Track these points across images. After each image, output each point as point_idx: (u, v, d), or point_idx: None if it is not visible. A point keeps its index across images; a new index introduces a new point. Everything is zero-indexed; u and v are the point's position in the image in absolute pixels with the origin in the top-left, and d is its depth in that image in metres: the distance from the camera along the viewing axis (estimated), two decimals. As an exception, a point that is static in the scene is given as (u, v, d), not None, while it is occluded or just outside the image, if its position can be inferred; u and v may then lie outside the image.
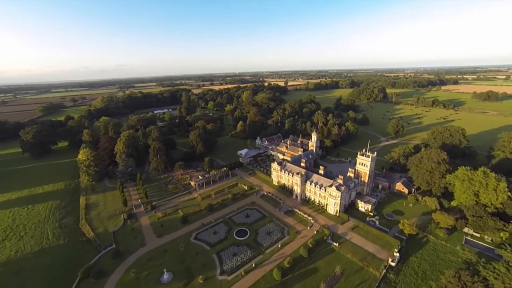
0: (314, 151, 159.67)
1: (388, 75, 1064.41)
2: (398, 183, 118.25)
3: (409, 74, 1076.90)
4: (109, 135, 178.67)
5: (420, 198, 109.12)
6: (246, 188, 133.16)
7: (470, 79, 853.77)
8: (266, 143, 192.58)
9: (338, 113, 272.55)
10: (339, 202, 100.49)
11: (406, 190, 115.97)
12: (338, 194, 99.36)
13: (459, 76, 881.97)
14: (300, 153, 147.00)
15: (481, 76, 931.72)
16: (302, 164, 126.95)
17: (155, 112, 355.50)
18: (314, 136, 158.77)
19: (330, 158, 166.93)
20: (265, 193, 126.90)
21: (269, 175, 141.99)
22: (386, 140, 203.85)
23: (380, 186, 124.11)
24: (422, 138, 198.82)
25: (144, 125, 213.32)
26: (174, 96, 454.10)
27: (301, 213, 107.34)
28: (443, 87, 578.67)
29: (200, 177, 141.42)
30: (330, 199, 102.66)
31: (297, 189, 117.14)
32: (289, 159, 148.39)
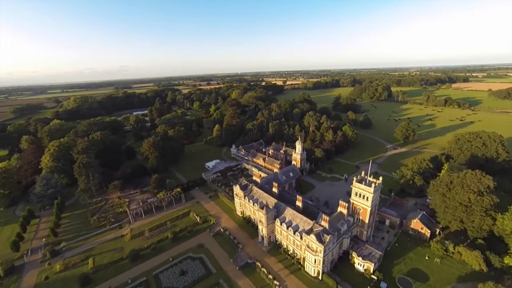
0: (299, 164, 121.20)
1: (393, 74, 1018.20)
2: (414, 220, 79.20)
3: (414, 73, 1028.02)
4: (39, 144, 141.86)
5: (451, 248, 69.97)
6: (198, 220, 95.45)
7: (480, 76, 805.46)
8: (242, 152, 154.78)
9: (336, 114, 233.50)
10: (321, 259, 62.04)
11: (427, 232, 76.90)
12: (321, 248, 60.99)
13: (467, 74, 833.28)
14: (276, 170, 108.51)
15: (492, 74, 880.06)
16: (274, 190, 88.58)
17: (134, 113, 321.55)
18: (298, 146, 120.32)
19: (320, 173, 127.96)
20: (222, 229, 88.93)
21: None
22: (393, 147, 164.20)
23: (387, 222, 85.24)
24: (439, 146, 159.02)
25: (99, 130, 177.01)
26: (159, 96, 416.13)
27: (265, 270, 68.92)
28: (453, 85, 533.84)
29: (141, 203, 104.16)
30: (309, 253, 64.21)
31: (262, 229, 78.83)
32: (266, 175, 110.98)
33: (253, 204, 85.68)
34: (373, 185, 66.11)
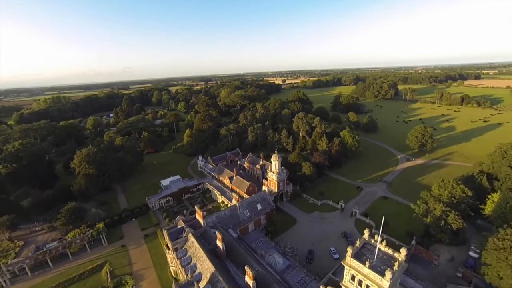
0: (276, 188, 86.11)
1: (398, 72, 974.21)
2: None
3: (420, 71, 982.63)
4: None
5: None
6: (109, 282, 61.28)
7: (491, 73, 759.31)
8: (211, 165, 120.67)
9: (335, 116, 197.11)
10: None
11: None
12: None
13: (477, 71, 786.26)
14: (236, 201, 73.15)
15: (504, 71, 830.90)
16: (219, 243, 53.32)
17: (111, 116, 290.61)
18: (275, 162, 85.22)
19: (308, 199, 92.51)
20: (136, 306, 54.56)
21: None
22: (406, 158, 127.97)
23: (409, 303, 49.82)
24: (466, 156, 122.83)
25: (43, 136, 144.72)
26: (144, 96, 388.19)
27: None
28: (465, 82, 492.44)
29: (33, 251, 70.34)
30: None
31: (184, 329, 44.09)
32: (234, 202, 76.67)
33: (182, 268, 51.23)
34: (388, 274, 30.62)
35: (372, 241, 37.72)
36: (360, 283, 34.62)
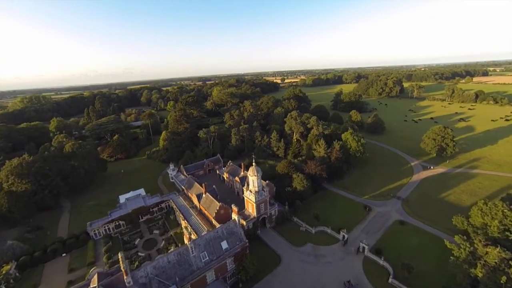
0: (255, 212, 63.78)
1: (401, 70, 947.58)
2: None
3: (423, 69, 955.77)
4: None
5: None
6: None
7: (498, 70, 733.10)
8: (183, 176, 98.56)
9: (335, 115, 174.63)
10: None
11: None
12: None
13: (483, 68, 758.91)
14: (187, 240, 50.71)
15: (511, 67, 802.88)
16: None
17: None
18: (253, 178, 62.70)
19: (299, 224, 69.97)
20: None
21: None
22: (423, 166, 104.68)
23: None
24: (498, 164, 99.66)
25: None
26: (133, 96, 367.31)
27: None
28: (473, 79, 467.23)
29: None
30: None
31: None
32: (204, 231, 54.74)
33: None
34: None
35: None
36: None
